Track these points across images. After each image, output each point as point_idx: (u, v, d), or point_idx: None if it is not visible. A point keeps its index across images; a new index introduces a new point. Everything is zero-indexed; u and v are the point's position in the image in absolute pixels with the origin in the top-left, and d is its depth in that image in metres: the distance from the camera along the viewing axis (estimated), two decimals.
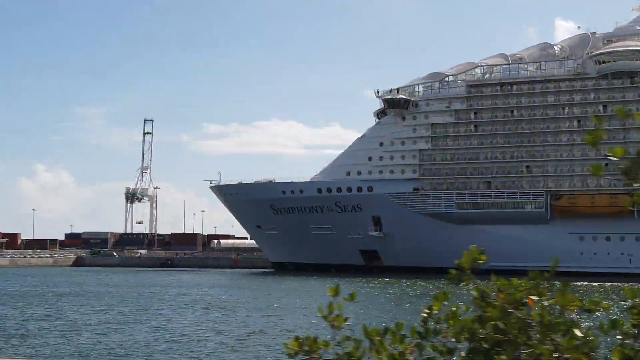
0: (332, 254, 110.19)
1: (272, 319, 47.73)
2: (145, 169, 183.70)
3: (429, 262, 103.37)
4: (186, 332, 40.84)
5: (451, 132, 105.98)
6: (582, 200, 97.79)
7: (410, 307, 52.47)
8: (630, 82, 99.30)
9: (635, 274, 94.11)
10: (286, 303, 59.19)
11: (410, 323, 3.84)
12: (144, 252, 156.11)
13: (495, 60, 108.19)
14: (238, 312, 52.13)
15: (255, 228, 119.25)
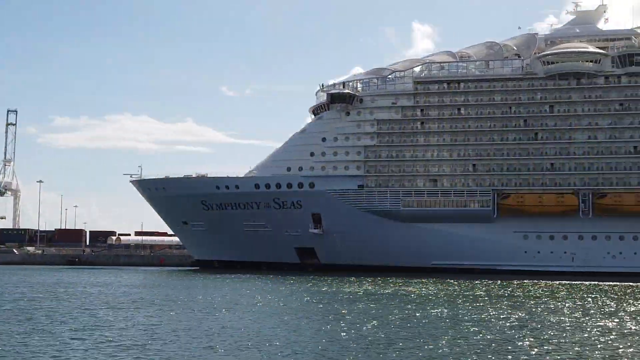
0: (265, 252, 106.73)
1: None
2: (9, 161, 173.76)
3: (372, 260, 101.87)
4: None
5: (397, 128, 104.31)
6: (529, 200, 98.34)
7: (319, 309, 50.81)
8: (577, 83, 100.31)
9: (577, 272, 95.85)
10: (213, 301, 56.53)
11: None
12: (39, 249, 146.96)
13: (442, 57, 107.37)
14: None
15: (180, 225, 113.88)
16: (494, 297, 61.30)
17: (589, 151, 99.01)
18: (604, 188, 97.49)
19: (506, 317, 46.26)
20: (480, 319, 45.07)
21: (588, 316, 47.33)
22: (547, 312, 49.63)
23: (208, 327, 40.44)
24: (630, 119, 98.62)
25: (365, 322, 42.51)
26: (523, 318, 45.70)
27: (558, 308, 52.51)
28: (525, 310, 50.57)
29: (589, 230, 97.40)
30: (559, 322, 43.64)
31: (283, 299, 58.34)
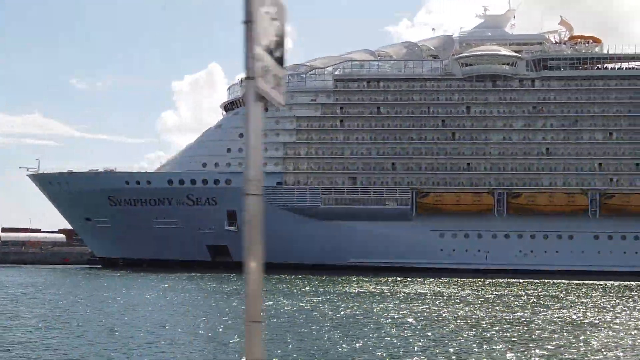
0: (174, 249, 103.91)
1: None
2: None
3: (288, 258, 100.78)
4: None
5: (316, 126, 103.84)
6: (448, 199, 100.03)
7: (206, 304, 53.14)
8: (492, 85, 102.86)
9: (491, 270, 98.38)
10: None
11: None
12: None
13: (362, 55, 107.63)
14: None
15: (82, 221, 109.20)
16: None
17: (503, 152, 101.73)
18: (518, 188, 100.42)
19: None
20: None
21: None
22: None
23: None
24: (542, 121, 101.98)
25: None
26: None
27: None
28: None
29: (502, 229, 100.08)
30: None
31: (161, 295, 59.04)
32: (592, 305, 55.82)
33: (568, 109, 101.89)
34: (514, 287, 75.92)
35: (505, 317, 46.01)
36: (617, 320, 45.86)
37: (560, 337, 37.45)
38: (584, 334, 38.67)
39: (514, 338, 36.94)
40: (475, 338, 36.64)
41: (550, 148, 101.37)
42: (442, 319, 44.79)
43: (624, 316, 48.22)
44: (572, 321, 44.67)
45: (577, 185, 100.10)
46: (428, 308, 51.16)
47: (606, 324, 43.67)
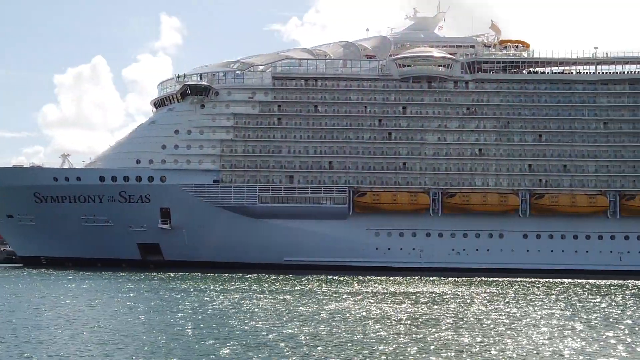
0: (102, 248, 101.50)
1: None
2: None
3: (222, 257, 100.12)
4: None
5: (254, 123, 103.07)
6: (385, 198, 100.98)
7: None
8: (428, 86, 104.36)
9: (424, 268, 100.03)
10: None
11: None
12: None
13: (299, 54, 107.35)
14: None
15: (4, 218, 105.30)
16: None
17: (438, 152, 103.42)
18: (452, 188, 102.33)
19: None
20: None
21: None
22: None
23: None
24: (475, 122, 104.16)
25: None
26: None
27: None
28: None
29: (436, 228, 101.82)
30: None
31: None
32: (482, 303, 59.18)
33: (500, 111, 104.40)
34: (431, 284, 79.25)
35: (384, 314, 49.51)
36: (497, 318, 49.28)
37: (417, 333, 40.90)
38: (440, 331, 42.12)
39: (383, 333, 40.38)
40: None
41: (483, 149, 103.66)
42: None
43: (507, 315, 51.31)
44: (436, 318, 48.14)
45: (509, 186, 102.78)
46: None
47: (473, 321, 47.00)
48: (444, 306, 55.40)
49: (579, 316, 50.92)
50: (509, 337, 40.33)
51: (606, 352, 36.16)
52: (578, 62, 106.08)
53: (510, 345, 37.55)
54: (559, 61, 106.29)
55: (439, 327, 43.60)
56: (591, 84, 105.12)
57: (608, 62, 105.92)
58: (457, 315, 49.67)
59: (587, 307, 57.29)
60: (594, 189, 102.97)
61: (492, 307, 55.35)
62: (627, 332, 43.44)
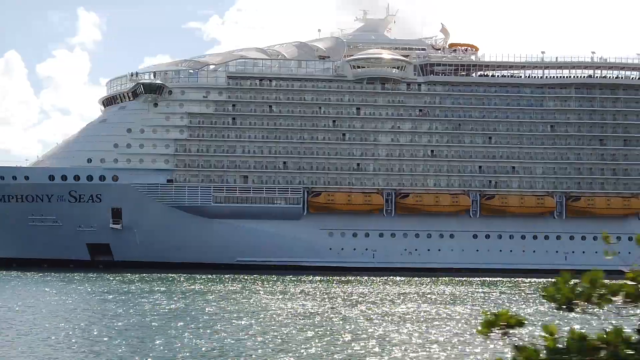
0: (49, 248, 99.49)
1: None
2: None
3: (173, 257, 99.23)
4: None
5: (208, 123, 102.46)
6: (339, 198, 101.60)
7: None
8: (382, 87, 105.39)
9: (377, 268, 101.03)
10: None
11: None
12: None
13: (254, 53, 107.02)
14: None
15: None
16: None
17: (391, 153, 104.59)
18: (405, 188, 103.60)
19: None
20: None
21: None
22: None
23: None
24: (428, 124, 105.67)
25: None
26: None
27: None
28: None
29: (389, 228, 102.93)
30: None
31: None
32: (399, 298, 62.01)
33: (452, 113, 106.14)
34: (375, 284, 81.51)
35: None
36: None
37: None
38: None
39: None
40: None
41: (435, 150, 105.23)
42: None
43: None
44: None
45: (460, 187, 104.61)
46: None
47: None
48: (345, 305, 57.59)
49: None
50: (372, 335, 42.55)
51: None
52: (526, 66, 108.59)
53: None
54: (509, 65, 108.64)
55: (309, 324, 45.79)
56: (539, 87, 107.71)
57: (555, 67, 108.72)
58: (340, 313, 51.76)
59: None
60: (542, 190, 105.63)
61: (387, 306, 57.43)
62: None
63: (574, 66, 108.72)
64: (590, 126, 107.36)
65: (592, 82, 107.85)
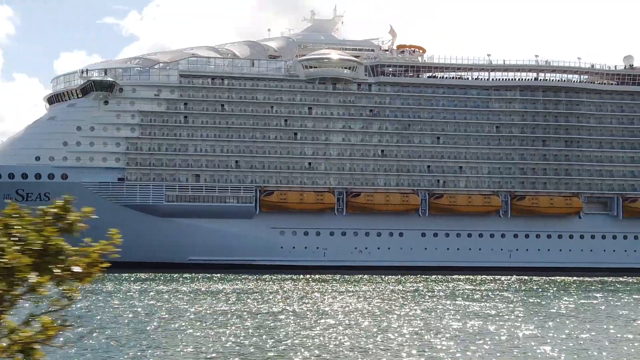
0: None
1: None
2: None
3: (128, 256, 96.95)
4: None
5: (160, 121, 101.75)
6: (292, 197, 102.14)
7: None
8: (333, 87, 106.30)
9: (328, 267, 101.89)
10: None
11: None
12: None
13: (206, 52, 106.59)
14: None
15: None
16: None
17: (342, 152, 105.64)
18: (356, 187, 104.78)
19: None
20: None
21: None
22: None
23: None
24: (378, 124, 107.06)
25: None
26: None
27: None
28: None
29: (340, 227, 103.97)
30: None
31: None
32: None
33: (401, 114, 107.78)
34: (318, 282, 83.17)
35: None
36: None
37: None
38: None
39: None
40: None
41: (385, 150, 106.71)
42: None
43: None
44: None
45: (409, 186, 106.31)
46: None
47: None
48: (263, 302, 59.45)
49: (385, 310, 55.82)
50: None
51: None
52: (473, 68, 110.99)
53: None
54: (456, 67, 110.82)
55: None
56: (485, 89, 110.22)
57: (501, 69, 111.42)
58: (250, 310, 53.61)
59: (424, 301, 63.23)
60: (488, 189, 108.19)
61: (296, 304, 59.26)
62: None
63: (519, 69, 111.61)
64: (534, 127, 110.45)
65: (536, 84, 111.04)
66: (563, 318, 52.95)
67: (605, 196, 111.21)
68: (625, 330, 48.00)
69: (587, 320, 52.61)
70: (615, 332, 46.99)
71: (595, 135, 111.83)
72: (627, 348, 40.81)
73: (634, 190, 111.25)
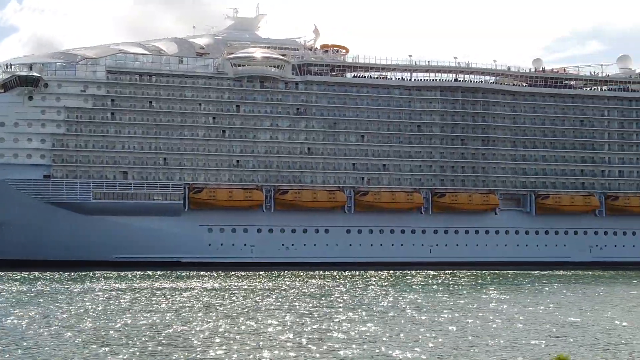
0: None
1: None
2: None
3: (47, 254, 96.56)
4: None
5: (87, 118, 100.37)
6: (221, 194, 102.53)
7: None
8: (261, 86, 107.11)
9: (256, 263, 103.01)
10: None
11: None
12: None
13: (133, 48, 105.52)
14: None
15: None
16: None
17: (270, 150, 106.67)
18: (283, 185, 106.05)
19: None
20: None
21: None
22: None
23: None
24: (305, 122, 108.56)
25: None
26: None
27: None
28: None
29: (267, 224, 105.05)
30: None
31: None
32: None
33: (327, 112, 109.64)
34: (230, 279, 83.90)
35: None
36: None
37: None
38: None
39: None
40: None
41: (311, 148, 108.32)
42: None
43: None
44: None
45: (335, 183, 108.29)
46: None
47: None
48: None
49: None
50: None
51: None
52: (396, 69, 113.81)
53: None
54: (380, 67, 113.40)
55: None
56: (407, 89, 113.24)
57: (422, 70, 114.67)
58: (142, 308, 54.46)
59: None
60: (410, 187, 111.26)
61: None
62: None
63: (439, 70, 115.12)
64: (453, 127, 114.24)
65: (455, 85, 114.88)
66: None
67: (519, 193, 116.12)
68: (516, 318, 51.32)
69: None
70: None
71: (510, 135, 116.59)
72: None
73: (546, 188, 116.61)
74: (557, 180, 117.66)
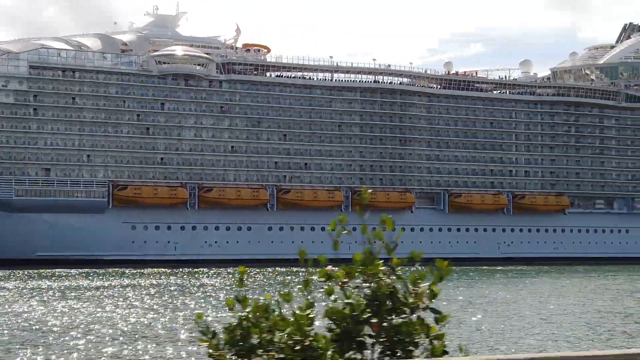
0: None
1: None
2: None
3: None
4: None
5: (8, 113, 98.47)
6: (145, 192, 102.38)
7: None
8: (186, 84, 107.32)
9: (179, 260, 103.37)
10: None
11: None
12: None
13: (55, 43, 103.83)
14: None
15: None
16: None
17: (194, 148, 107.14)
18: (207, 183, 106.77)
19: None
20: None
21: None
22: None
23: None
24: (228, 120, 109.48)
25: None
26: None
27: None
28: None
29: (190, 221, 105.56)
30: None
31: None
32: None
33: (251, 111, 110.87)
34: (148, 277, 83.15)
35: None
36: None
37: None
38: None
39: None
40: None
41: (235, 146, 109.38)
42: None
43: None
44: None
45: (258, 181, 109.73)
46: None
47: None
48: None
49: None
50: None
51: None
52: (318, 69, 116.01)
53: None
54: (302, 67, 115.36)
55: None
56: (328, 89, 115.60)
57: (343, 71, 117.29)
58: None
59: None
60: (331, 185, 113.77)
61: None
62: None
63: (359, 71, 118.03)
64: (372, 127, 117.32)
65: (375, 86, 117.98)
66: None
67: (434, 192, 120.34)
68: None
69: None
70: None
71: (425, 135, 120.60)
72: None
73: (458, 187, 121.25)
74: (468, 179, 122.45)
